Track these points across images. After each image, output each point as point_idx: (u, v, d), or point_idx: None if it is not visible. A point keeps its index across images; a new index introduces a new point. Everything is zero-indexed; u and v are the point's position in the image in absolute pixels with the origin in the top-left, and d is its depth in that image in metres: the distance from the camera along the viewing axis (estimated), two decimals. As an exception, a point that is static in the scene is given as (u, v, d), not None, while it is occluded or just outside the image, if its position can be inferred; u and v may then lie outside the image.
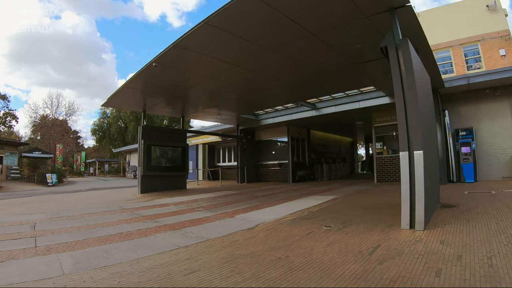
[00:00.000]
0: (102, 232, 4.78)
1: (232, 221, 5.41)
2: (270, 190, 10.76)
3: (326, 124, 15.60)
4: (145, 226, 5.21)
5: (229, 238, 4.19)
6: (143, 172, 10.62)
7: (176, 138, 11.96)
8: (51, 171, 18.02)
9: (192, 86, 8.74)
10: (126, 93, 9.22)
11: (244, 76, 7.97)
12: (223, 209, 6.85)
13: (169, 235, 4.48)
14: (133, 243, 4.11)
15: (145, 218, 5.99)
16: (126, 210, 7.10)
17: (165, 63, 6.83)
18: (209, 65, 7.17)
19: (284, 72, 7.99)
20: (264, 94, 10.06)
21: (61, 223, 5.68)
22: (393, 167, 11.91)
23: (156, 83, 8.55)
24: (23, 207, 7.92)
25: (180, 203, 8.13)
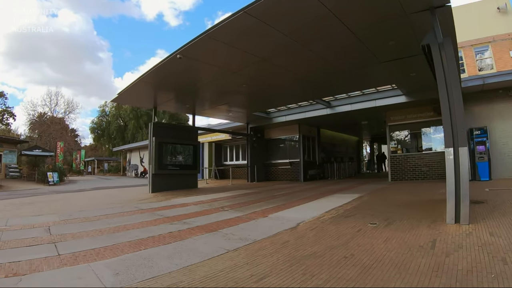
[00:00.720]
0: (130, 236, 4.24)
1: (267, 221, 5.02)
2: (287, 189, 10.27)
3: (337, 122, 15.18)
4: (175, 228, 4.71)
5: (276, 238, 3.85)
6: (155, 170, 10.03)
7: (187, 135, 11.39)
8: (52, 169, 17.24)
9: (211, 81, 8.24)
10: (139, 88, 8.65)
11: (269, 71, 7.55)
12: (249, 208, 6.39)
13: (209, 238, 4.03)
14: (173, 248, 3.61)
15: (171, 219, 5.46)
16: (145, 211, 6.54)
17: (190, 55, 6.33)
18: (235, 59, 6.74)
19: (309, 68, 7.58)
20: (283, 90, 9.61)
21: (78, 226, 5.11)
22: (407, 166, 11.63)
23: (173, 78, 8.02)
24: (30, 208, 7.28)
25: (199, 202, 7.59)
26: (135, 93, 9.28)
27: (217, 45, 5.91)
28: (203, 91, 9.31)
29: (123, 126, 40.34)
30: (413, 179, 11.21)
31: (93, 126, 41.06)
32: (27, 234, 4.44)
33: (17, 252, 3.53)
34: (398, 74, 8.31)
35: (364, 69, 7.75)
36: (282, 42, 5.85)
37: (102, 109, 41.33)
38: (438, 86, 4.00)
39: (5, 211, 6.82)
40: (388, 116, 12.12)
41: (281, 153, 15.11)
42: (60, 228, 4.88)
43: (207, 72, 7.56)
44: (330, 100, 12.00)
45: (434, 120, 11.12)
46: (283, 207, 6.36)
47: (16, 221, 5.50)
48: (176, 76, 7.87)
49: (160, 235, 4.24)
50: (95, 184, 17.67)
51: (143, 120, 37.86)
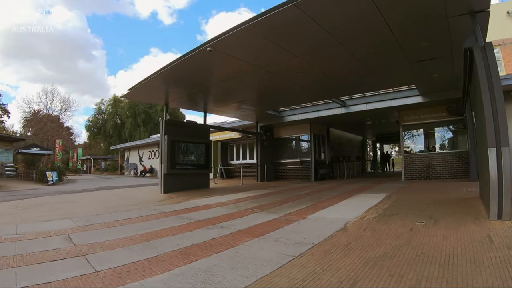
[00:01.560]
0: (170, 244, 3.71)
1: (310, 222, 4.70)
2: (304, 189, 9.80)
3: (346, 122, 14.90)
4: (215, 233, 4.21)
5: (334, 241, 3.62)
6: (167, 170, 9.41)
7: (199, 133, 10.78)
8: (51, 168, 16.31)
9: (233, 77, 7.70)
10: (153, 83, 8.05)
11: (297, 69, 7.15)
12: (281, 209, 5.97)
13: (262, 243, 3.62)
14: (229, 257, 3.13)
15: (204, 223, 4.95)
16: (168, 214, 5.97)
17: (220, 48, 5.83)
18: (268, 54, 6.36)
19: (339, 67, 7.29)
20: (303, 89, 9.17)
21: (101, 233, 4.51)
22: (420, 165, 11.43)
23: (193, 73, 7.47)
24: (37, 211, 6.59)
25: (221, 204, 7.07)
26: (148, 89, 8.63)
27: (254, 39, 5.48)
28: (221, 87, 8.75)
29: (120, 124, 39.17)
30: (426, 179, 11.05)
31: (88, 124, 39.79)
32: (46, 245, 3.82)
33: (43, 270, 2.93)
34: (421, 74, 8.09)
35: (390, 69, 7.61)
36: (320, 38, 5.53)
37: (98, 106, 40.07)
38: (481, 87, 4.06)
39: (11, 216, 6.11)
40: (401, 116, 11.92)
41: (291, 152, 14.65)
42: (83, 237, 4.27)
43: (233, 67, 7.02)
44: (345, 99, 11.67)
45: (447, 121, 11.03)
46: (315, 207, 5.99)
47: (27, 228, 4.85)
48: (197, 71, 7.29)
49: (204, 242, 3.74)
50: (97, 183, 16.84)
51: (141, 118, 36.87)
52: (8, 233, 4.53)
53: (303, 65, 6.94)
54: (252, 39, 5.53)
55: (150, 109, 37.25)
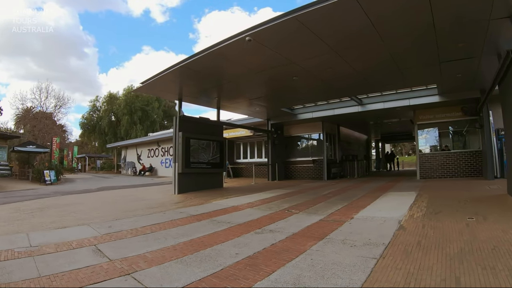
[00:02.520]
0: (228, 254, 3.19)
1: (362, 222, 4.41)
2: (324, 187, 9.29)
3: (357, 120, 14.55)
4: (270, 238, 3.75)
5: (402, 240, 3.41)
6: (182, 169, 8.69)
7: (213, 131, 10.08)
8: (48, 167, 15.22)
9: (262, 71, 7.19)
10: (170, 77, 7.44)
11: (330, 63, 6.76)
12: (319, 209, 5.62)
13: (332, 247, 3.28)
14: (308, 265, 2.79)
15: (247, 227, 4.41)
16: (199, 217, 5.36)
17: (260, 39, 5.30)
18: (305, 47, 5.94)
19: (372, 63, 6.98)
20: (326, 86, 8.73)
21: (134, 242, 3.84)
22: (435, 164, 11.28)
23: (215, 66, 6.91)
24: (45, 216, 5.80)
25: (249, 204, 6.54)
26: (163, 83, 7.94)
27: (298, 29, 5.02)
28: (242, 82, 8.21)
29: (115, 122, 37.76)
30: (441, 177, 10.92)
31: (83, 121, 38.13)
32: (74, 260, 3.14)
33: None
34: (446, 74, 7.85)
35: (420, 68, 7.45)
36: (363, 30, 5.17)
37: (93, 103, 38.41)
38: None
39: (17, 222, 5.31)
40: (417, 115, 11.73)
41: (303, 151, 14.14)
42: (114, 248, 3.59)
43: (265, 60, 6.53)
44: (362, 98, 11.30)
45: (462, 120, 10.92)
46: (353, 207, 5.66)
47: (41, 237, 4.12)
48: (221, 64, 6.82)
49: (266, 250, 3.26)
50: (97, 183, 15.87)
51: (138, 116, 35.58)
52: (20, 245, 3.79)
53: (336, 60, 6.57)
54: (295, 30, 5.06)
55: (147, 106, 36.02)
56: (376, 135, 20.60)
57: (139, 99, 35.96)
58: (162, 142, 22.36)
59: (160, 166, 22.34)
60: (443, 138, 11.86)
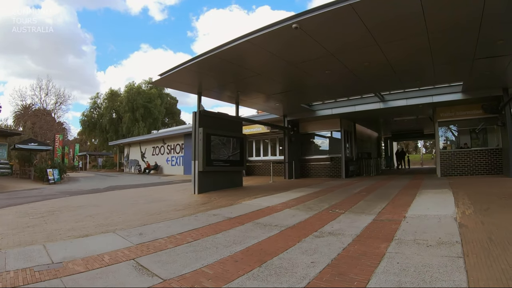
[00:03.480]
0: (302, 263, 2.65)
1: (420, 221, 4.05)
2: (349, 186, 8.63)
3: (372, 118, 13.99)
4: (338, 242, 3.37)
5: (472, 237, 3.20)
6: (203, 167, 7.94)
7: (233, 126, 9.34)
8: (51, 165, 14.32)
9: (299, 62, 6.59)
10: (195, 68, 6.74)
11: (370, 56, 6.33)
12: (363, 209, 5.17)
13: (408, 249, 2.98)
14: (400, 269, 2.47)
15: (303, 231, 3.89)
16: (237, 220, 4.71)
17: (308, 27, 4.78)
18: (351, 38, 5.54)
19: (407, 54, 6.48)
20: (357, 81, 8.14)
21: (178, 254, 3.18)
22: (456, 162, 10.93)
23: (246, 57, 6.32)
24: (60, 221, 5.03)
25: (284, 205, 5.87)
26: (183, 75, 7.25)
27: (347, 18, 4.57)
28: (269, 76, 7.59)
29: (116, 119, 36.67)
30: (462, 175, 10.66)
31: (83, 118, 36.93)
32: (116, 283, 2.42)
33: None
34: (476, 71, 7.50)
35: (453, 63, 7.00)
36: (410, 21, 4.80)
37: (94, 101, 37.18)
38: None
39: (28, 229, 4.53)
40: (437, 113, 11.35)
41: (320, 148, 13.45)
42: (160, 263, 2.90)
43: (303, 52, 5.99)
44: (384, 94, 10.73)
45: (482, 118, 10.67)
46: (396, 205, 5.26)
47: (64, 250, 3.37)
48: (254, 55, 6.18)
49: (340, 255, 2.90)
50: (103, 182, 15.02)
51: (140, 113, 34.50)
52: (39, 261, 3.05)
53: (376, 54, 6.17)
54: (343, 20, 4.62)
55: (149, 103, 34.95)
56: (386, 133, 20.01)
57: (141, 96, 34.95)
58: (168, 140, 21.51)
59: (166, 164, 21.51)
60: (462, 135, 11.56)
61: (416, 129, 19.66)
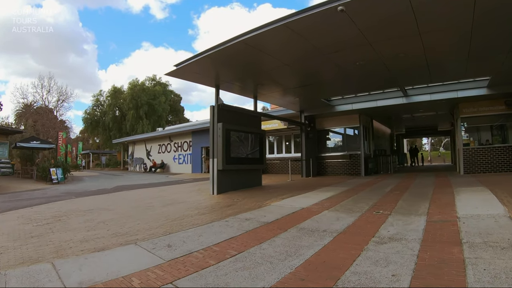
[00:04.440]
0: (386, 279, 1.90)
1: (481, 222, 3.63)
2: (375, 184, 7.92)
3: (392, 113, 13.26)
4: (409, 248, 2.70)
5: None
6: (222, 166, 7.21)
7: (252, 122, 8.59)
8: (55, 164, 13.60)
9: (331, 52, 5.95)
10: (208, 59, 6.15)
11: (407, 48, 5.91)
12: (408, 209, 4.67)
13: (496, 252, 2.61)
14: None
15: (358, 236, 3.28)
16: (278, 225, 3.98)
17: (355, 9, 4.19)
18: (394, 26, 4.96)
19: (444, 48, 6.00)
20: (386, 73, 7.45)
21: (229, 272, 2.50)
22: (481, 158, 10.37)
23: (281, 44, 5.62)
24: (68, 230, 4.31)
25: (319, 206, 5.13)
26: (202, 65, 6.53)
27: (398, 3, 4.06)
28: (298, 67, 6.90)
29: (120, 117, 35.88)
30: (485, 172, 10.15)
31: (86, 116, 36.15)
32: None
33: None
34: (507, 65, 6.95)
35: (486, 56, 6.50)
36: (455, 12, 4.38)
37: (96, 98, 36.34)
38: None
39: (33, 239, 3.81)
40: (460, 108, 10.74)
41: (338, 145, 12.69)
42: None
43: (343, 39, 5.38)
44: (407, 89, 10.06)
45: (506, 114, 10.17)
46: (439, 205, 4.80)
47: (78, 270, 2.68)
48: (284, 41, 5.47)
49: (419, 265, 2.45)
50: (109, 181, 14.30)
51: (144, 110, 33.68)
52: (48, 285, 2.34)
53: (415, 44, 5.59)
54: (394, 5, 4.11)
55: (153, 101, 34.14)
56: (400, 129, 19.26)
57: (146, 92, 34.15)
58: (175, 137, 20.75)
59: (173, 162, 20.76)
60: (483, 132, 10.96)
61: (431, 126, 18.93)
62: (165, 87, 37.17)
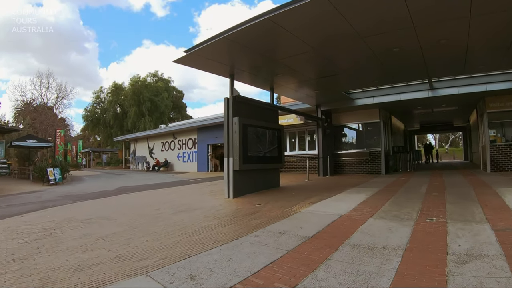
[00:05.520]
0: None
1: None
2: (403, 184, 7.04)
3: (411, 108, 12.33)
4: (501, 271, 2.23)
5: None
6: (239, 165, 6.31)
7: (269, 116, 7.67)
8: (52, 164, 12.74)
9: (368, 36, 5.19)
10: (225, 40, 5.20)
11: (450, 33, 5.14)
12: (463, 215, 4.00)
13: None
14: None
15: (428, 254, 2.42)
16: (323, 240, 3.06)
17: None
18: (439, 8, 4.30)
19: (488, 36, 5.37)
20: (424, 61, 6.70)
21: None
22: (509, 156, 9.61)
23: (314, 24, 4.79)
24: (60, 250, 3.42)
25: (359, 213, 4.19)
26: (217, 50, 5.64)
27: None
28: (325, 53, 6.06)
29: (121, 114, 34.92)
30: None
31: (86, 114, 35.18)
32: None
33: None
34: None
35: None
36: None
37: (97, 95, 35.31)
38: None
39: (14, 265, 2.92)
40: (487, 103, 9.89)
41: (355, 141, 11.77)
42: None
43: (387, 20, 4.67)
44: (434, 81, 9.16)
45: None
46: (498, 209, 4.23)
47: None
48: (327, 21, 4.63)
49: None
50: (111, 182, 13.43)
51: (146, 107, 32.67)
52: None
53: (462, 27, 4.86)
54: None
55: (156, 97, 33.12)
56: (414, 125, 18.31)
57: (148, 89, 33.14)
58: (179, 134, 19.82)
59: (177, 160, 19.86)
60: (507, 128, 10.19)
61: (446, 121, 17.99)
62: (167, 83, 36.15)
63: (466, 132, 19.12)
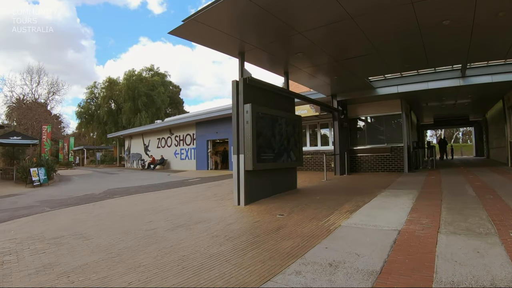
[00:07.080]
0: None
1: None
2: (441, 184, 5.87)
3: (433, 99, 11.18)
4: None
5: None
6: (253, 164, 5.09)
7: (285, 105, 6.43)
8: (36, 163, 11.41)
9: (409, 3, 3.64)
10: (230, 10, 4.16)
11: None
12: None
13: None
14: None
15: None
16: (397, 277, 1.84)
17: None
18: None
19: None
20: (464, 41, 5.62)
21: None
22: None
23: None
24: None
25: (417, 225, 2.94)
26: (222, 19, 4.38)
27: None
28: (352, 31, 4.88)
29: (115, 110, 33.39)
30: None
31: (80, 110, 33.59)
32: None
33: None
34: None
35: None
36: None
37: (91, 90, 33.63)
38: None
39: None
40: None
41: (376, 136, 10.57)
42: None
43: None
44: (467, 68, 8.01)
45: None
46: None
47: None
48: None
49: None
50: (101, 182, 12.15)
51: (142, 102, 31.15)
52: None
53: None
54: None
55: (152, 91, 31.64)
56: (428, 118, 17.16)
57: (143, 83, 31.61)
58: (176, 129, 18.49)
59: (174, 157, 18.56)
60: None
61: (462, 115, 16.87)
62: (163, 78, 34.64)
63: (481, 127, 18.03)
